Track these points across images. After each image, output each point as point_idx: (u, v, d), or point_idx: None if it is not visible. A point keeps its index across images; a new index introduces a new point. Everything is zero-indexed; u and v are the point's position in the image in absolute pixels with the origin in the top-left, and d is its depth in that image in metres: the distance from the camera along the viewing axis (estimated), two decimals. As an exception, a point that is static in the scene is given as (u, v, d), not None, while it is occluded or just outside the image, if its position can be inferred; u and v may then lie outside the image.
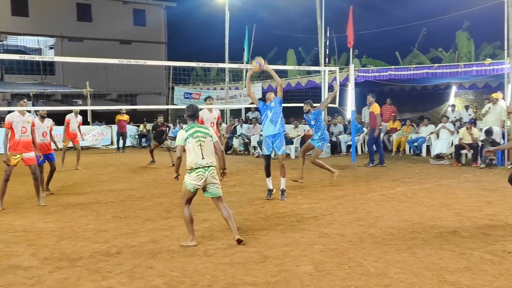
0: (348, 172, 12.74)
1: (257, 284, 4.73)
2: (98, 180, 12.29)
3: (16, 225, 7.38)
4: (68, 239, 6.49)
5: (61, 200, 9.47)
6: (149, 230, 6.96)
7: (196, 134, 6.22)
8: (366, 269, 5.11)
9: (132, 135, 24.68)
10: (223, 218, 6.38)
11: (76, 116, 15.06)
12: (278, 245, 6.02)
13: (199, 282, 4.81)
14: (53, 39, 33.30)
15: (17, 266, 5.39)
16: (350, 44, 15.80)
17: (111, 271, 5.16)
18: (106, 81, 31.34)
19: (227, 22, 22.83)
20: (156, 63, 20.74)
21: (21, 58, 11.42)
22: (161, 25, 37.91)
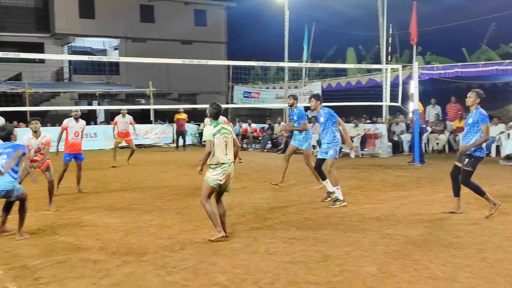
0: (411, 173, 12.45)
1: (319, 283, 4.72)
2: (161, 177, 12.60)
3: (84, 220, 7.69)
4: (134, 235, 6.70)
5: (126, 196, 9.78)
6: (211, 227, 7.02)
7: (222, 131, 6.39)
8: (433, 272, 4.98)
9: (193, 134, 25.12)
10: (219, 214, 6.48)
11: (124, 116, 15.67)
12: (340, 245, 5.98)
13: (261, 280, 4.85)
14: (117, 40, 34.36)
15: (86, 259, 5.62)
16: (413, 41, 15.43)
17: (176, 267, 5.29)
18: (168, 81, 32.05)
19: (287, 21, 22.82)
20: (217, 62, 21.03)
21: (89, 59, 11.91)
22: (221, 25, 38.34)
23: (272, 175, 12.64)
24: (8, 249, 6.07)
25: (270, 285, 4.72)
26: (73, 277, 4.99)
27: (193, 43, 35.91)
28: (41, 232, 6.91)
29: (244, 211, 8.14)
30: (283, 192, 9.90)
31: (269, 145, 20.74)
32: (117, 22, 33.08)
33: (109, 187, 10.99)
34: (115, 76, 31.51)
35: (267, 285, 4.72)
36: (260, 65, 18.13)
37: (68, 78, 32.26)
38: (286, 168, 10.69)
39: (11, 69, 25.68)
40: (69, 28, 31.60)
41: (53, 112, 28.43)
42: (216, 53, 35.47)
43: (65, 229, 7.06)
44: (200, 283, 4.79)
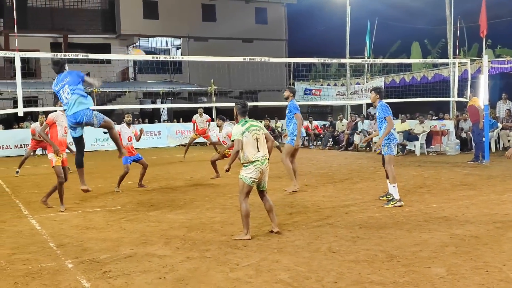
0: (480, 171, 11.98)
1: (385, 284, 4.61)
2: (223, 174, 12.70)
3: (150, 216, 7.87)
4: (197, 231, 6.79)
5: (190, 193, 9.94)
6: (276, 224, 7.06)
7: (251, 128, 6.39)
8: (505, 275, 4.76)
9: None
10: (265, 210, 6.60)
11: (201, 115, 16.40)
12: (406, 245, 5.82)
13: (324, 278, 4.80)
14: (180, 39, 35.03)
15: (152, 254, 5.74)
16: (482, 34, 14.81)
17: (239, 263, 5.32)
18: (229, 79, 32.35)
19: (348, 17, 22.51)
20: (277, 60, 21.03)
21: (153, 58, 12.17)
22: (282, 22, 38.30)
23: (335, 172, 12.52)
24: (78, 243, 6.31)
25: (334, 284, 4.66)
26: (140, 271, 5.12)
27: (254, 41, 36.07)
28: (109, 227, 7.14)
29: (306, 208, 8.09)
30: (346, 190, 9.77)
31: (330, 143, 20.54)
32: (180, 22, 33.71)
33: (173, 184, 11.21)
34: (178, 75, 32.14)
35: (330, 284, 4.65)
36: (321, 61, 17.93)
37: (133, 77, 33.22)
38: (295, 170, 10.03)
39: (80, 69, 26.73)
40: (134, 29, 32.49)
41: (119, 111, 29.34)
42: (276, 51, 35.46)
43: (131, 224, 7.26)
44: (263, 280, 4.79)
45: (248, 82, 32.59)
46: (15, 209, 8.71)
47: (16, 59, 8.65)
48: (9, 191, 10.78)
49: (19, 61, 8.71)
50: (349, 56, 22.44)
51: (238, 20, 35.16)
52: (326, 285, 4.63)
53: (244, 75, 31.86)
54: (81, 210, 8.49)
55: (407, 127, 16.94)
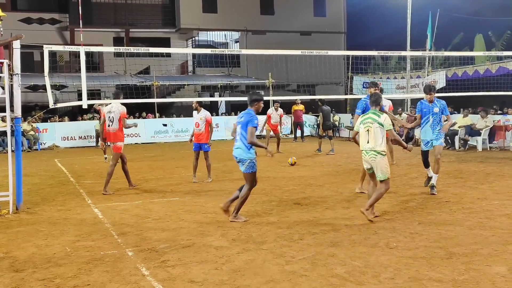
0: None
1: (443, 281, 4.53)
2: (280, 168, 12.77)
3: (208, 207, 8.03)
4: (254, 223, 6.87)
5: (247, 186, 10.04)
6: (330, 218, 7.06)
7: (366, 121, 6.86)
8: None
9: (311, 125, 25.16)
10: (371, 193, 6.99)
11: (277, 110, 16.58)
12: (465, 242, 5.68)
13: (381, 274, 4.76)
14: (238, 33, 35.25)
15: (209, 245, 5.87)
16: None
17: (294, 257, 5.35)
18: (287, 72, 32.26)
19: (409, 8, 21.96)
20: (336, 53, 20.82)
21: (212, 52, 12.33)
22: (340, 15, 37.77)
23: (393, 167, 12.29)
24: (138, 232, 6.52)
25: (390, 280, 4.62)
26: (197, 262, 5.25)
27: (312, 34, 35.79)
28: (168, 218, 7.33)
29: (363, 203, 7.99)
30: (405, 186, 9.61)
31: (388, 137, 20.16)
32: (238, 16, 33.90)
33: (230, 176, 11.36)
34: (236, 68, 32.38)
35: (387, 280, 4.61)
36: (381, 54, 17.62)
37: (191, 71, 33.75)
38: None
39: (140, 63, 27.41)
40: (193, 23, 32.96)
41: (178, 104, 29.96)
42: (335, 44, 35.05)
43: (189, 215, 7.44)
44: (319, 274, 4.81)
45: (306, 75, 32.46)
46: (79, 198, 9.10)
47: (81, 53, 8.99)
48: (74, 181, 11.26)
49: (84, 55, 9.05)
50: (409, 48, 21.91)
51: (296, 13, 34.97)
52: (382, 281, 4.59)
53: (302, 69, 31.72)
54: (141, 200, 8.76)
55: (469, 121, 16.42)
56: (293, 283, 4.61)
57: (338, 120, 24.54)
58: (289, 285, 4.57)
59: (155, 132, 22.08)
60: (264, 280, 4.68)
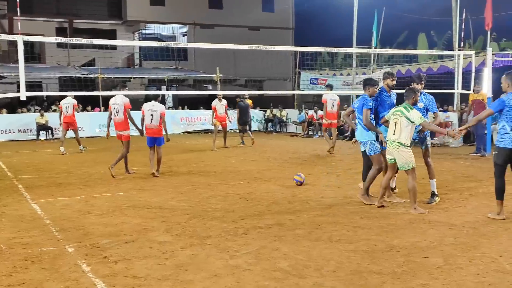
0: (482, 163, 11.97)
1: (383, 273, 4.64)
2: (227, 162, 12.77)
3: (152, 202, 7.92)
4: (199, 218, 6.83)
5: (193, 180, 9.98)
6: (275, 213, 7.10)
7: (394, 113, 7.08)
8: (501, 266, 4.79)
9: (258, 120, 25.26)
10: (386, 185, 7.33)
11: (221, 101, 16.08)
12: (405, 235, 5.85)
13: (324, 267, 4.83)
14: (186, 26, 34.95)
15: (153, 240, 5.79)
16: (488, 27, 14.74)
17: (239, 251, 5.36)
18: (235, 67, 32.30)
19: (356, 6, 22.35)
20: (283, 48, 20.87)
21: (158, 44, 12.15)
22: (289, 11, 38.10)
23: (338, 162, 12.53)
24: (79, 228, 6.35)
25: (332, 273, 4.69)
26: (140, 257, 5.16)
27: (260, 29, 35.95)
28: (111, 213, 7.18)
29: (308, 198, 8.12)
30: (349, 180, 9.78)
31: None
32: (186, 9, 33.61)
33: (176, 171, 11.25)
34: (183, 62, 32.10)
35: (329, 273, 4.69)
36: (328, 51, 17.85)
37: (138, 64, 33.21)
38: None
39: (85, 55, 26.72)
40: (140, 15, 32.46)
41: (124, 97, 29.38)
42: (283, 39, 35.33)
43: (133, 211, 7.31)
44: (262, 268, 4.83)
45: (254, 70, 32.57)
46: (16, 194, 8.76)
47: (19, 43, 8.66)
48: (11, 175, 10.84)
49: (22, 45, 8.71)
50: (355, 45, 22.32)
51: (244, 8, 35.03)
52: (325, 274, 4.66)
53: (250, 64, 31.85)
54: (84, 195, 8.55)
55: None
56: (236, 277, 4.61)
57: (285, 116, 24.75)
58: (233, 279, 4.57)
59: (100, 126, 21.51)
60: (208, 275, 4.66)
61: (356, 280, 4.52)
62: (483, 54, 16.64)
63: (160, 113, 10.49)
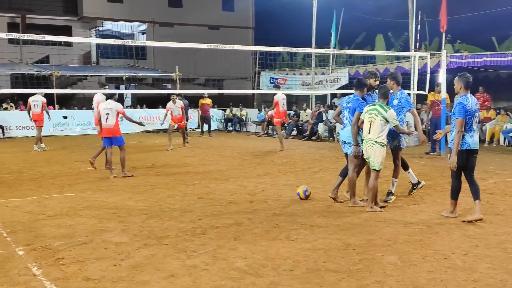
0: (437, 162, 12.27)
1: (339, 271, 4.69)
2: (186, 162, 12.66)
3: (108, 202, 7.77)
4: (156, 218, 6.74)
5: (150, 180, 9.86)
6: (233, 212, 7.08)
7: (370, 112, 7.01)
8: (453, 262, 4.91)
9: (218, 119, 25.19)
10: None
11: (175, 102, 15.80)
12: (361, 233, 5.93)
13: (280, 266, 4.84)
14: (145, 24, 34.51)
15: (108, 241, 5.68)
16: (442, 29, 15.11)
17: (196, 251, 5.31)
18: (194, 66, 32.11)
19: (315, 7, 22.57)
20: (243, 48, 20.90)
21: (115, 42, 11.94)
22: (248, 10, 38.13)
23: (297, 162, 12.61)
24: (30, 229, 6.17)
25: (289, 271, 4.71)
26: (95, 258, 5.05)
27: (220, 28, 35.84)
28: (65, 214, 7.00)
29: (267, 197, 8.13)
30: (307, 180, 9.85)
31: (294, 132, 20.66)
32: (145, 7, 33.19)
33: (134, 171, 11.06)
34: (142, 61, 31.71)
35: (286, 272, 4.70)
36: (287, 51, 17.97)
37: (95, 62, 32.59)
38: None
39: (38, 51, 26.02)
40: (97, 12, 31.83)
41: (80, 95, 28.80)
42: (243, 39, 35.33)
43: (89, 211, 7.15)
44: (219, 268, 4.80)
45: (214, 69, 32.45)
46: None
47: (-36, 38, 8.36)
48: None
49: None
50: (315, 46, 22.52)
51: (204, 7, 34.85)
52: (282, 273, 4.67)
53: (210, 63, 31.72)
54: (36, 196, 8.31)
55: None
56: (193, 277, 4.57)
57: (245, 115, 24.76)
58: (189, 279, 4.53)
59: (55, 125, 20.95)
60: (164, 275, 4.60)
61: (313, 278, 4.55)
62: (438, 55, 17.06)
63: (117, 112, 10.26)
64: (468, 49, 21.90)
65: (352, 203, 7.39)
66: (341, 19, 24.86)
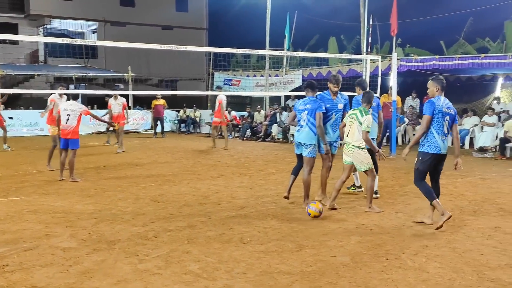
0: (387, 163, 12.48)
1: (292, 273, 4.69)
2: (138, 164, 12.44)
3: (56, 207, 7.52)
4: (107, 222, 6.58)
5: (101, 183, 9.62)
6: (186, 215, 6.99)
7: (351, 116, 7.20)
8: (403, 262, 5.00)
9: (171, 120, 24.92)
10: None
11: (116, 99, 15.38)
12: (315, 235, 5.96)
13: (234, 269, 4.80)
14: (96, 23, 33.78)
15: (56, 246, 5.49)
16: (393, 33, 15.45)
17: (148, 255, 5.21)
18: (148, 66, 31.69)
19: (269, 9, 22.67)
20: (197, 49, 20.75)
21: (63, 41, 11.62)
22: (202, 11, 37.93)
23: (251, 163, 12.60)
24: (-25, 235, 5.91)
25: (243, 274, 4.68)
26: (41, 265, 4.87)
27: (174, 28, 35.49)
28: (9, 219, 6.72)
29: (220, 199, 8.08)
30: (261, 181, 9.85)
31: (248, 133, 20.67)
32: (96, 5, 32.49)
33: (84, 173, 10.78)
34: (92, 60, 31.02)
35: (240, 275, 4.67)
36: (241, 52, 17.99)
37: (43, 61, 31.64)
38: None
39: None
40: (45, 9, 30.92)
41: (27, 95, 27.89)
42: (197, 40, 35.14)
43: (35, 216, 6.90)
44: (172, 272, 4.72)
45: (168, 70, 32.09)
46: None
47: None
48: None
49: None
50: (268, 48, 22.61)
51: (158, 7, 34.44)
52: (235, 276, 4.63)
53: (164, 63, 31.35)
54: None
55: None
56: (145, 282, 4.47)
57: (199, 116, 24.60)
58: (141, 284, 4.43)
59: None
60: (115, 281, 4.49)
61: (266, 280, 4.53)
62: (389, 59, 17.44)
63: (80, 113, 9.89)
64: (418, 53, 22.55)
65: (306, 205, 7.43)
66: (294, 21, 25.07)
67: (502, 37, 22.91)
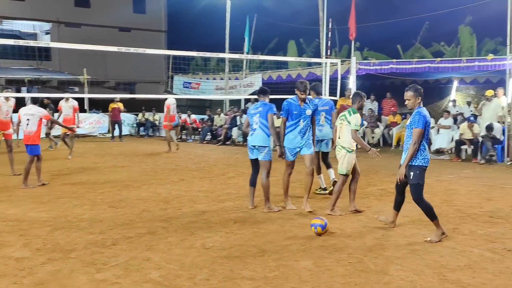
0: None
1: (255, 279, 4.64)
2: (95, 168, 12.15)
3: (8, 214, 7.23)
4: (62, 230, 6.36)
5: (56, 189, 9.33)
6: (146, 221, 6.84)
7: (341, 117, 7.27)
8: (366, 265, 5.02)
9: (130, 124, 24.52)
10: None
11: (67, 101, 14.95)
12: (277, 239, 5.92)
13: (196, 276, 4.71)
14: (49, 24, 32.92)
15: (8, 256, 5.27)
16: (351, 37, 15.67)
17: (106, 263, 5.06)
18: (104, 69, 31.05)
19: (228, 12, 22.59)
20: (155, 51, 20.50)
21: (15, 43, 11.26)
22: (161, 13, 37.52)
23: (211, 167, 12.49)
24: None
25: (205, 281, 4.60)
26: (-7, 276, 4.66)
27: (131, 30, 34.97)
28: (-40, 227, 6.44)
29: (181, 204, 7.95)
30: (222, 185, 9.76)
31: (208, 137, 20.52)
32: (49, 5, 31.64)
33: (37, 178, 10.43)
34: (46, 62, 30.16)
35: (202, 281, 4.58)
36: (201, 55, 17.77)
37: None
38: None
39: None
40: (-4, 10, 29.97)
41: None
42: (155, 42, 34.68)
43: (-14, 224, 6.62)
44: (132, 280, 4.59)
45: (125, 73, 31.55)
46: None
47: None
48: None
49: None
50: (228, 51, 22.53)
51: (114, 8, 33.83)
52: (198, 283, 4.55)
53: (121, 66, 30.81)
54: None
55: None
56: (103, 292, 4.33)
57: (158, 120, 24.27)
58: (99, 295, 4.28)
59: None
60: (72, 292, 4.33)
61: (229, 286, 4.47)
62: (347, 62, 17.64)
63: (40, 118, 9.65)
64: (376, 57, 22.89)
65: (267, 209, 7.40)
66: (254, 24, 25.08)
67: (457, 41, 23.51)
